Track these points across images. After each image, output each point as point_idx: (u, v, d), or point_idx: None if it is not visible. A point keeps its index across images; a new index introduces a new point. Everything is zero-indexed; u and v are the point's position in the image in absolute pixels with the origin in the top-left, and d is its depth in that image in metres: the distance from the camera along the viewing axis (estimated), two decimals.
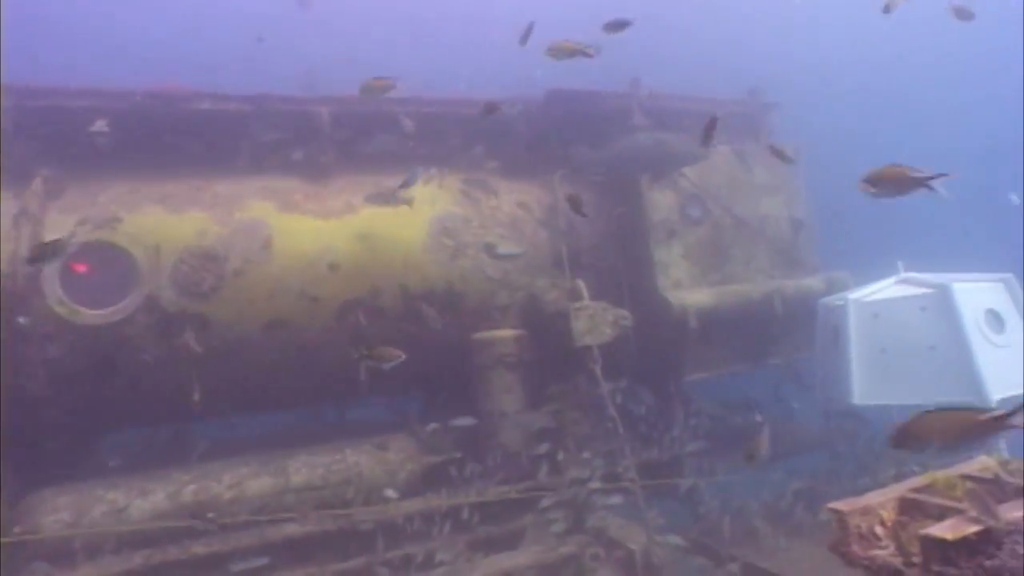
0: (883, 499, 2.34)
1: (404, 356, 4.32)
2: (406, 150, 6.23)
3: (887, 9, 7.02)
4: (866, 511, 2.27)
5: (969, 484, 2.21)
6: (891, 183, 3.65)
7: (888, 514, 2.30)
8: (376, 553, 4.67)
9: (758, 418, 6.31)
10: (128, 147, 5.24)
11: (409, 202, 5.56)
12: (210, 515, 4.42)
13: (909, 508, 2.31)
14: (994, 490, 2.34)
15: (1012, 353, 5.28)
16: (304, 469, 5.11)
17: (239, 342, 5.32)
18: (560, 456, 5.37)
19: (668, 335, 6.13)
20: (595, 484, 5.08)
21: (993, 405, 4.91)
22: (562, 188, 6.52)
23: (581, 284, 5.61)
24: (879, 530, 2.24)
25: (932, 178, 3.55)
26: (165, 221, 5.17)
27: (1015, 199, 11.11)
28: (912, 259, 6.28)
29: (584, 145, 6.79)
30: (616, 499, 5.00)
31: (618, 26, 5.42)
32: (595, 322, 5.39)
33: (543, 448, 5.26)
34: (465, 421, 5.56)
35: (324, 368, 5.66)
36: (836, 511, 2.27)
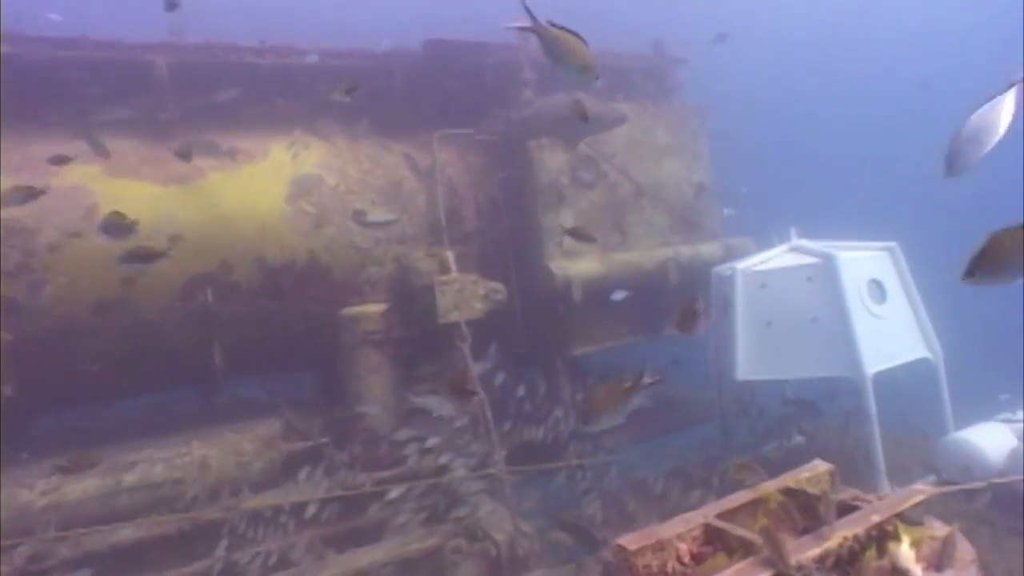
0: (684, 528, 2.04)
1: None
2: (264, 107, 5.57)
3: None
4: (660, 546, 1.96)
5: (766, 520, 1.92)
6: None
7: (687, 547, 2.00)
8: (216, 556, 4.23)
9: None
10: None
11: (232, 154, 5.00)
12: None
13: (713, 538, 2.02)
14: (809, 508, 2.08)
15: (892, 324, 5.16)
16: (141, 465, 4.59)
17: (62, 327, 4.69)
18: (431, 442, 5.00)
19: (552, 307, 5.80)
20: (460, 471, 4.75)
21: (868, 379, 4.80)
22: (441, 149, 6.01)
23: (449, 255, 5.17)
24: (673, 567, 1.94)
25: None
26: None
27: None
28: (811, 224, 6.10)
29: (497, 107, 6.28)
30: (478, 486, 4.69)
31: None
32: (463, 296, 4.98)
33: (406, 433, 4.88)
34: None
35: (171, 352, 5.11)
36: (621, 549, 1.96)
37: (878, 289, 5.27)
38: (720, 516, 2.08)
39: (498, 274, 6.04)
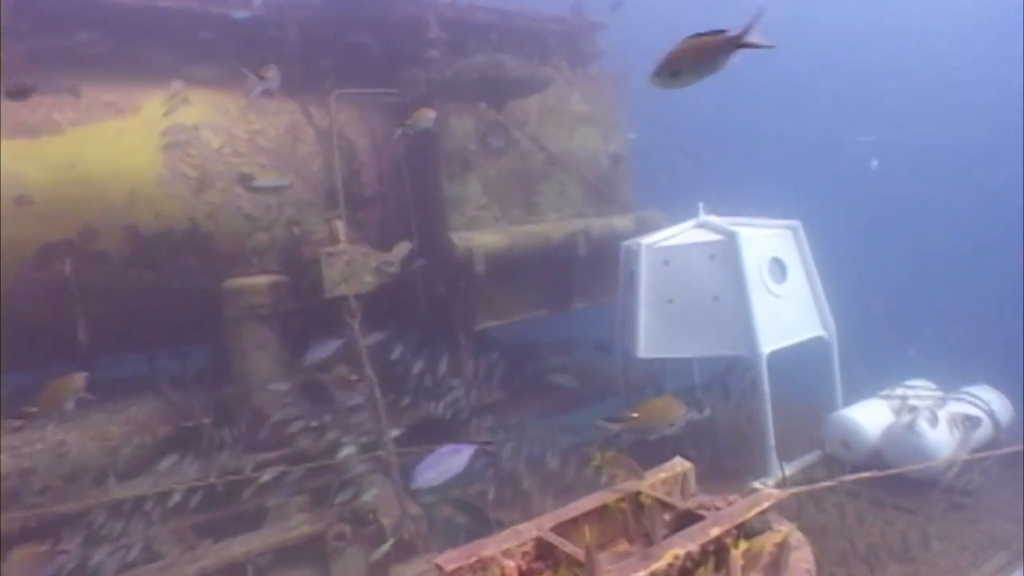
0: (514, 543, 1.89)
1: None
2: (132, 54, 5.03)
3: None
4: (482, 565, 1.81)
5: (587, 537, 1.78)
6: None
7: (516, 563, 1.86)
8: (70, 551, 3.90)
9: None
10: None
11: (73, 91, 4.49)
12: None
13: (546, 553, 1.89)
14: (647, 517, 1.97)
15: (790, 303, 5.18)
16: None
17: None
18: (319, 421, 4.76)
19: (454, 280, 5.58)
20: (348, 451, 4.53)
21: (763, 358, 4.81)
22: (340, 109, 5.62)
23: (339, 224, 4.85)
24: None
25: None
26: None
27: None
28: (724, 199, 6.06)
29: (415, 66, 5.86)
30: (368, 467, 4.50)
31: None
32: (352, 269, 4.69)
33: (292, 412, 4.63)
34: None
35: (23, 327, 4.63)
36: (438, 569, 1.79)
37: (779, 268, 5.28)
38: (560, 526, 1.95)
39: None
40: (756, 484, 4.78)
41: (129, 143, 4.85)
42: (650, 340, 5.22)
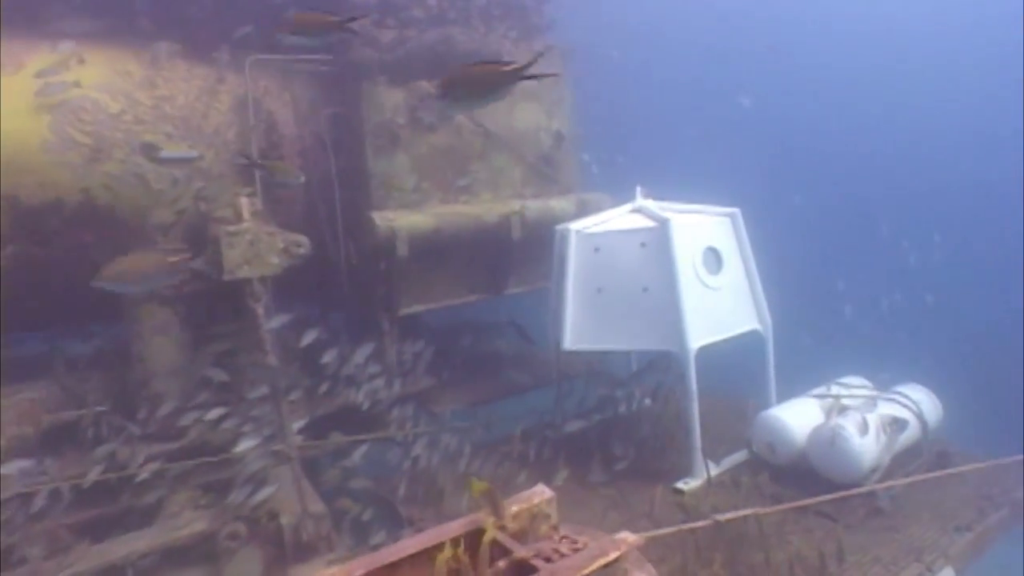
0: None
1: None
2: (12, 4, 4.56)
3: None
4: None
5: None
6: None
7: None
8: None
9: None
10: None
11: None
12: None
13: None
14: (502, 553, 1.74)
15: (724, 295, 4.97)
16: None
17: None
18: (219, 412, 4.45)
19: (377, 263, 5.28)
20: (248, 444, 4.25)
21: (692, 355, 4.61)
22: (259, 76, 5.22)
23: (244, 201, 4.50)
24: None
25: None
26: None
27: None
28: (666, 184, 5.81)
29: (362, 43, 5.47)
30: (266, 462, 4.23)
31: None
32: (257, 250, 4.35)
33: (187, 401, 4.33)
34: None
35: None
36: None
37: (715, 257, 5.06)
38: (376, 573, 1.70)
39: (323, 223, 5.45)
40: (679, 485, 4.62)
41: (8, 105, 4.40)
42: (576, 331, 5.00)
